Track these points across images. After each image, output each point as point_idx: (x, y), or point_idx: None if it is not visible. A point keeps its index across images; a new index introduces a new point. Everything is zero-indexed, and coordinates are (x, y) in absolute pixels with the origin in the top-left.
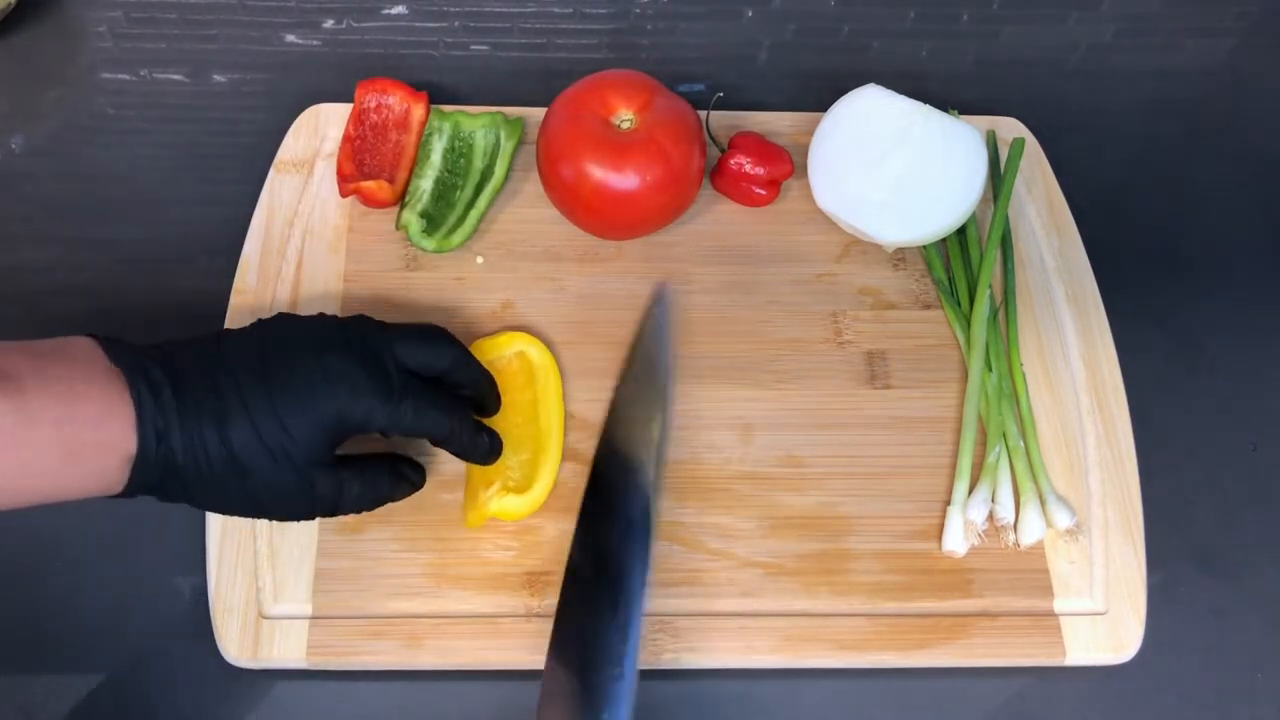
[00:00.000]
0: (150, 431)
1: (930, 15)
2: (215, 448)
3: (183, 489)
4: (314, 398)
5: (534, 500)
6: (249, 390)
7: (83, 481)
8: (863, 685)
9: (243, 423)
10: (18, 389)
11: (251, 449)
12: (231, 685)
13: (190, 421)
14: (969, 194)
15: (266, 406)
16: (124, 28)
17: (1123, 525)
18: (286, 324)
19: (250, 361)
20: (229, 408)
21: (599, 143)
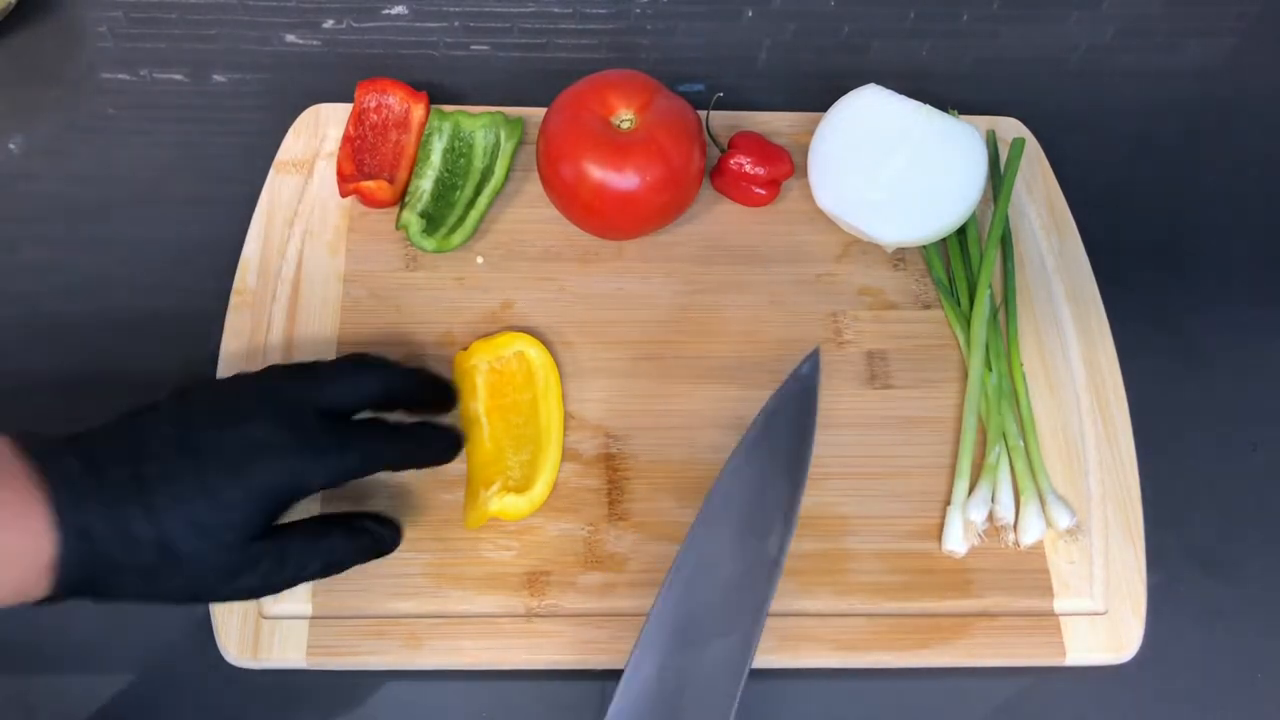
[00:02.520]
0: (71, 531)
1: (930, 15)
2: (145, 536)
3: (114, 586)
4: (239, 469)
5: (534, 500)
6: (172, 468)
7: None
8: (863, 685)
9: (169, 504)
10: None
11: (183, 531)
12: (231, 685)
13: (114, 511)
14: (969, 194)
15: (194, 484)
16: (124, 28)
17: (1123, 525)
18: (202, 394)
19: (169, 438)
20: (154, 490)
21: (599, 143)
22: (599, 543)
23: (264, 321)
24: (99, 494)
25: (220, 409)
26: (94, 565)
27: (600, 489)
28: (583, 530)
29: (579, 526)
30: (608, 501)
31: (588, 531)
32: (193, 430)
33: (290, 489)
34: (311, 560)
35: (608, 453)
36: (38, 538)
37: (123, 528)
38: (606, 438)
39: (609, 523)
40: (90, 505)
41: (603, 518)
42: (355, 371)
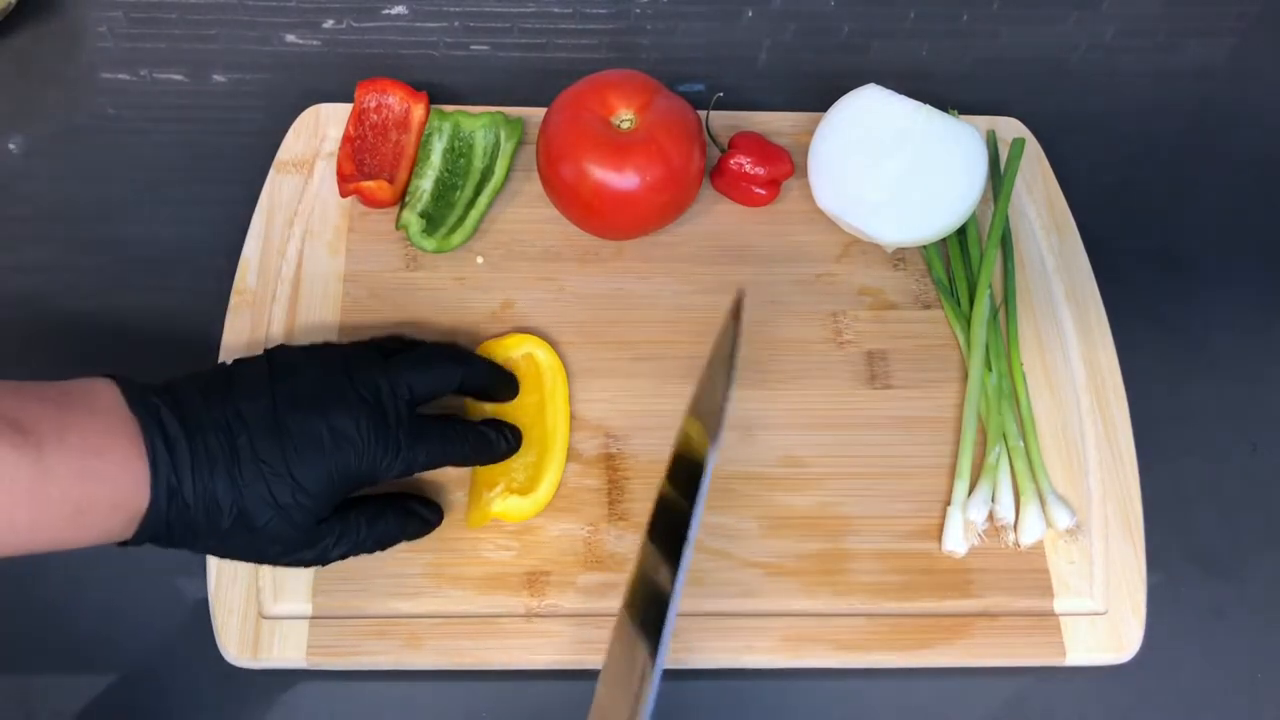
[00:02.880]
0: (163, 489)
1: (930, 15)
2: (227, 504)
3: (188, 539)
4: (323, 458)
5: (538, 502)
6: (263, 448)
7: (89, 535)
8: (863, 685)
9: (254, 479)
10: (37, 445)
11: (264, 506)
12: (231, 685)
13: (203, 477)
14: (969, 194)
15: (280, 466)
16: (124, 28)
17: (1123, 525)
18: (294, 367)
19: (263, 415)
20: (242, 464)
21: (599, 143)
22: (599, 543)
23: (264, 321)
24: (192, 458)
25: (314, 391)
26: (176, 522)
27: (600, 489)
28: (583, 530)
29: (579, 526)
30: (608, 501)
31: (588, 531)
32: (286, 410)
33: (366, 478)
34: (367, 539)
35: (608, 453)
36: (136, 492)
37: (209, 494)
38: (606, 438)
39: (609, 523)
40: (183, 468)
41: (603, 518)
42: (436, 364)
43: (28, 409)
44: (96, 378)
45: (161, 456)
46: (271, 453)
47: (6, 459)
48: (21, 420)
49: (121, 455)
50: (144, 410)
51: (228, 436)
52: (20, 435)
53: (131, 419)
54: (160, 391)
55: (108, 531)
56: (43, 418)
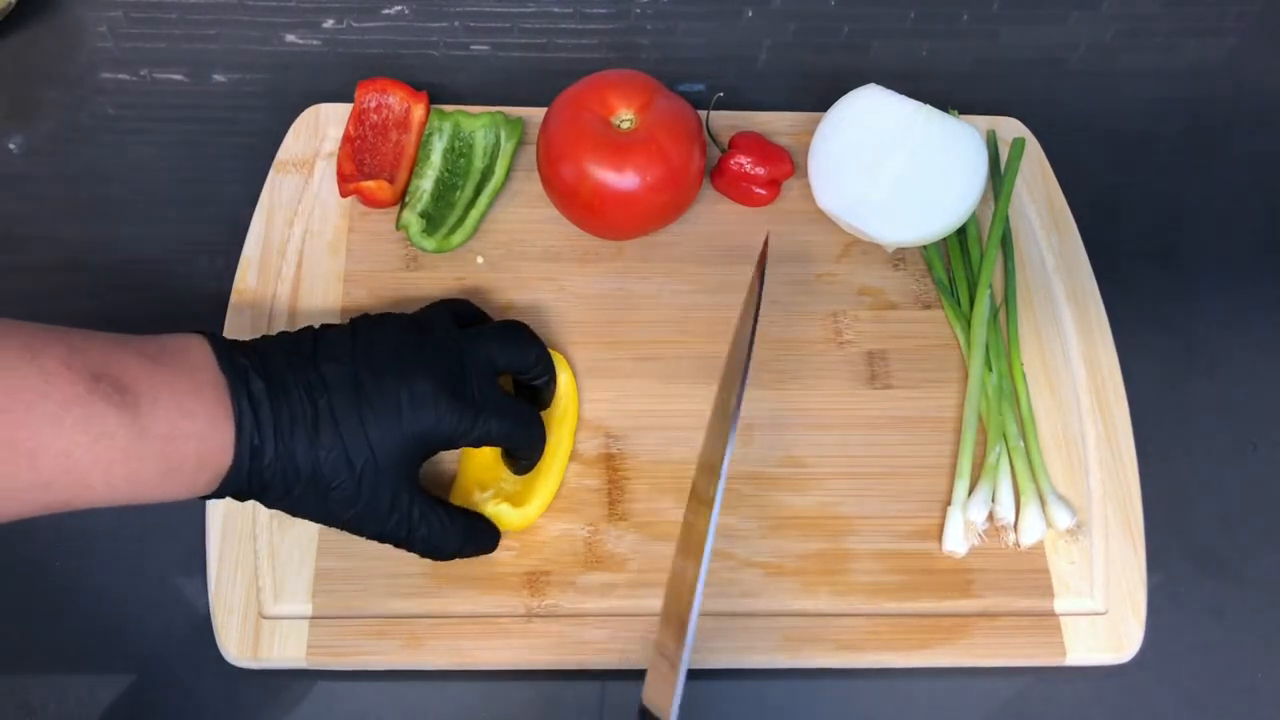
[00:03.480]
0: (246, 449)
1: (930, 15)
2: (305, 465)
3: (262, 495)
4: (400, 422)
5: (527, 516)
6: (342, 411)
7: (178, 490)
8: (863, 685)
9: (333, 442)
10: (134, 404)
11: (338, 468)
12: (231, 685)
13: (284, 437)
14: (969, 194)
15: (357, 429)
16: (124, 28)
17: (1123, 525)
18: (377, 335)
19: (344, 379)
20: (322, 428)
21: (599, 143)
22: (599, 543)
23: (264, 321)
24: (275, 419)
25: (395, 357)
26: (254, 479)
27: (600, 489)
28: (583, 530)
29: (579, 526)
30: (608, 501)
31: (588, 531)
32: (366, 374)
33: (442, 443)
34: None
35: (608, 453)
36: (222, 451)
37: (289, 454)
38: (607, 438)
39: (609, 523)
40: (266, 428)
41: (603, 518)
42: (516, 340)
43: (128, 366)
44: (191, 334)
45: (247, 417)
46: (349, 414)
47: (108, 417)
48: (122, 378)
49: (209, 415)
50: (232, 370)
51: (309, 398)
52: (120, 394)
53: (221, 378)
54: (248, 352)
55: (194, 487)
56: (140, 375)
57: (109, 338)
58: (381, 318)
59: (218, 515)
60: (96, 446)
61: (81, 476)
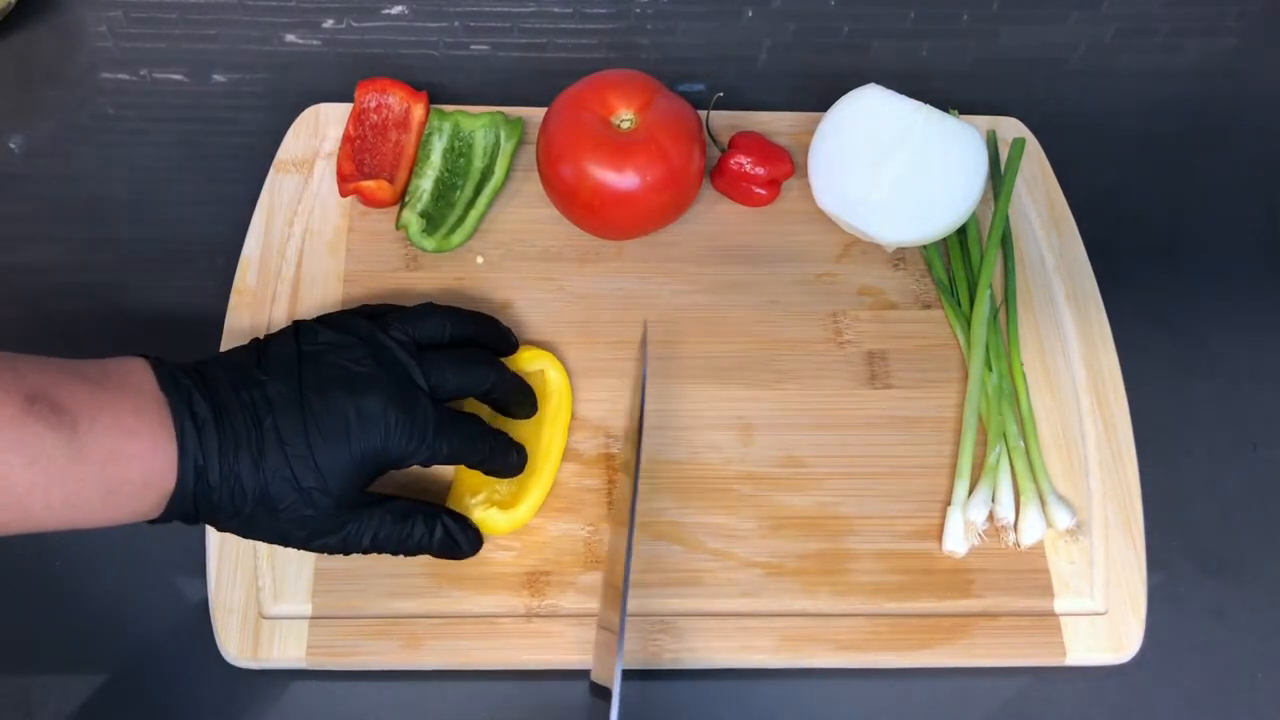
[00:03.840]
0: (190, 469)
1: (930, 15)
2: (251, 486)
3: (215, 518)
4: (348, 441)
5: (516, 520)
6: (288, 433)
7: (121, 513)
8: (863, 685)
9: (279, 463)
10: (72, 424)
11: (285, 490)
12: (231, 685)
13: (228, 458)
14: (969, 194)
15: (303, 448)
16: (124, 28)
17: (1123, 525)
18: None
19: (289, 396)
20: (267, 449)
21: (599, 143)
22: (599, 543)
23: (264, 321)
24: (219, 440)
25: (342, 375)
26: (202, 502)
27: (600, 489)
28: (583, 530)
29: (579, 526)
30: (608, 502)
31: (588, 531)
32: (312, 392)
33: (390, 463)
34: (389, 539)
35: (608, 453)
36: (164, 472)
37: (234, 475)
38: (606, 438)
39: (609, 523)
40: (210, 449)
41: (603, 518)
42: (471, 367)
43: (66, 387)
44: (132, 357)
45: (190, 438)
46: (295, 434)
47: (44, 438)
48: (59, 399)
49: (151, 436)
50: (175, 391)
51: (254, 418)
52: (57, 415)
53: (162, 399)
54: (191, 372)
55: (138, 510)
56: (79, 397)
57: (49, 361)
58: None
59: None
60: (33, 469)
61: (18, 499)
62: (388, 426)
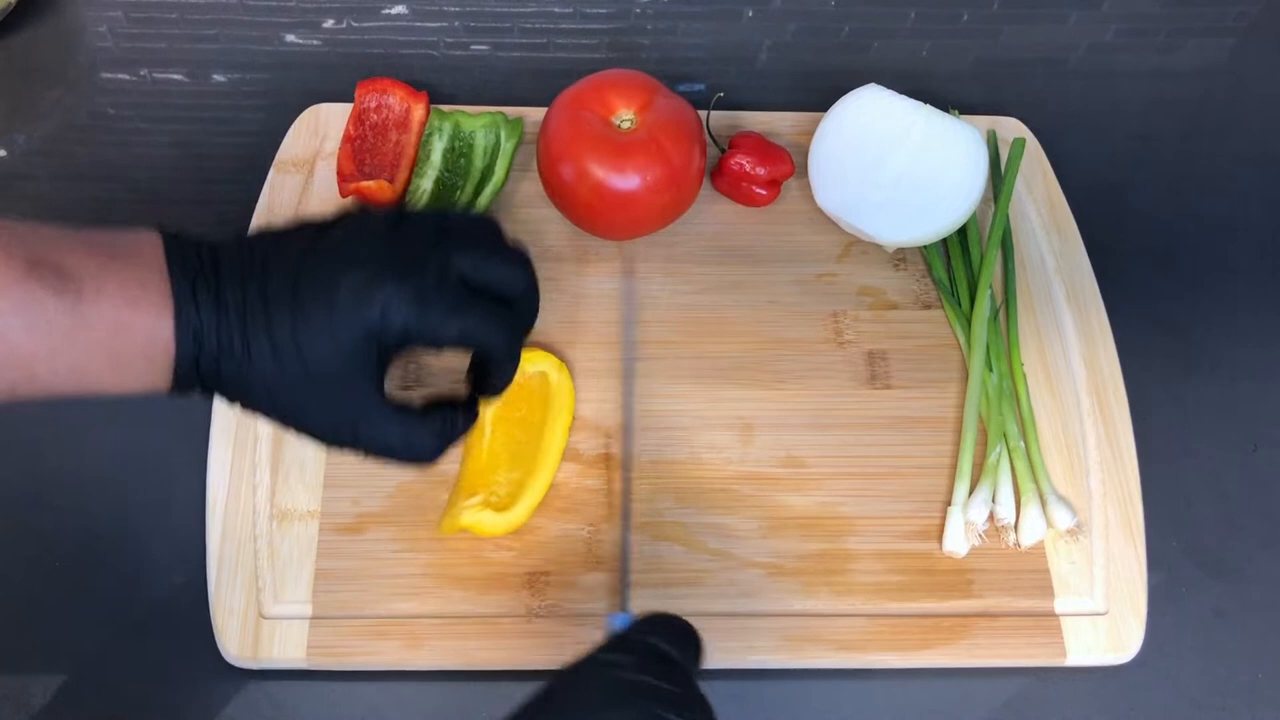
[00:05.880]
0: (188, 342)
1: (930, 15)
2: (244, 360)
3: (230, 393)
4: (332, 319)
5: (511, 522)
6: (275, 307)
7: (128, 383)
8: (863, 685)
9: (280, 329)
10: (76, 292)
11: (282, 359)
12: (231, 685)
13: (227, 327)
14: (969, 194)
15: (287, 326)
16: (124, 28)
17: (1123, 525)
18: (345, 225)
19: (294, 264)
20: (272, 315)
21: (599, 143)
22: (599, 543)
23: None
24: (218, 310)
25: (352, 248)
26: (208, 375)
27: (600, 489)
28: (583, 530)
29: (579, 526)
30: (608, 502)
31: (588, 532)
32: (311, 265)
33: (392, 340)
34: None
35: (608, 453)
36: (168, 341)
37: (232, 345)
38: (606, 438)
39: (609, 523)
40: (208, 319)
41: (603, 518)
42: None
43: (73, 255)
44: (144, 229)
45: (187, 311)
46: (281, 310)
47: (47, 304)
48: (64, 266)
49: (155, 306)
50: (181, 263)
51: (258, 288)
52: (61, 281)
53: (166, 270)
54: (204, 246)
55: (148, 381)
56: (86, 264)
57: (57, 228)
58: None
59: (218, 515)
60: (34, 333)
61: (23, 363)
62: (385, 300)
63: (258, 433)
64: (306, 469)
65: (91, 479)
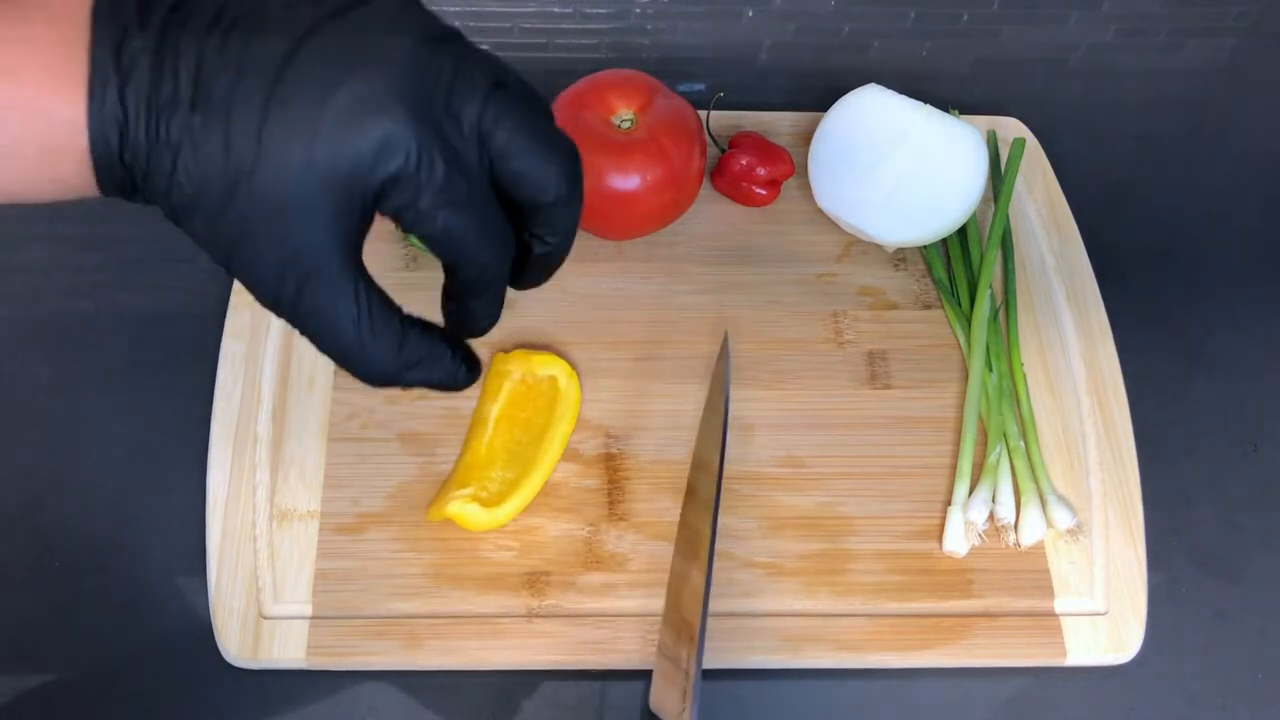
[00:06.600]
0: (106, 127)
1: (930, 15)
2: (184, 151)
3: (159, 199)
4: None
5: (495, 519)
6: (248, 79)
7: (26, 183)
8: (863, 685)
9: (216, 127)
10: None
11: (219, 165)
12: (231, 685)
13: (160, 119)
14: (969, 194)
15: (254, 117)
16: None
17: (1123, 525)
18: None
19: (279, 41)
20: (209, 99)
21: (599, 143)
22: (599, 543)
23: (264, 321)
24: (151, 91)
25: (379, 38)
26: (137, 175)
27: (600, 489)
28: (583, 530)
29: (579, 526)
30: (608, 502)
31: (588, 531)
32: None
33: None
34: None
35: (608, 453)
36: (75, 131)
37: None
38: (606, 438)
39: (609, 523)
40: (136, 103)
41: (603, 518)
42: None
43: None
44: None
45: (106, 83)
46: (271, 79)
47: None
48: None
49: (47, 78)
50: (110, 19)
51: (238, 46)
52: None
53: (86, 29)
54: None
55: (58, 180)
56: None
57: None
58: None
59: (218, 515)
60: None
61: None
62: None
63: (257, 433)
64: (306, 469)
65: (91, 479)
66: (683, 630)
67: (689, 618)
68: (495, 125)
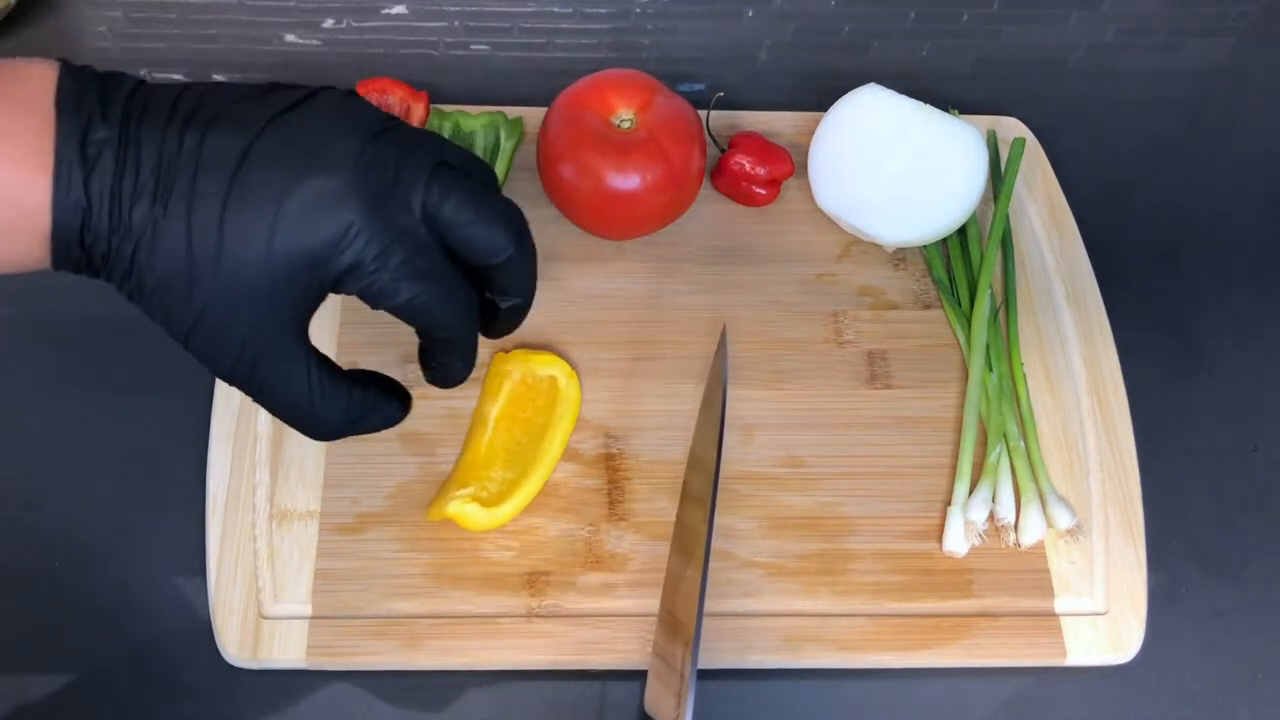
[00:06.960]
0: (70, 210)
1: (930, 15)
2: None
3: (118, 279)
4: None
5: (494, 519)
6: (209, 174)
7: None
8: (863, 685)
9: (178, 216)
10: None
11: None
12: (231, 685)
13: (123, 206)
14: (969, 194)
15: (215, 209)
16: (124, 28)
17: (1123, 525)
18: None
19: (234, 140)
20: (170, 190)
21: (599, 143)
22: (599, 543)
23: None
24: (115, 180)
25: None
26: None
27: (600, 489)
28: (583, 530)
29: (579, 526)
30: (608, 502)
31: (588, 531)
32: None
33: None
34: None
35: (608, 453)
36: (36, 210)
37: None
38: (606, 438)
39: (609, 523)
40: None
41: (603, 518)
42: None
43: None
44: (40, 59)
45: (71, 169)
46: (231, 174)
47: None
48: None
49: (17, 161)
50: (73, 108)
51: (194, 144)
52: None
53: (51, 116)
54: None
55: (14, 256)
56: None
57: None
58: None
59: (218, 515)
60: None
61: None
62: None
63: (257, 432)
64: (306, 469)
65: (91, 479)
66: (678, 630)
67: (684, 618)
68: (441, 201)
